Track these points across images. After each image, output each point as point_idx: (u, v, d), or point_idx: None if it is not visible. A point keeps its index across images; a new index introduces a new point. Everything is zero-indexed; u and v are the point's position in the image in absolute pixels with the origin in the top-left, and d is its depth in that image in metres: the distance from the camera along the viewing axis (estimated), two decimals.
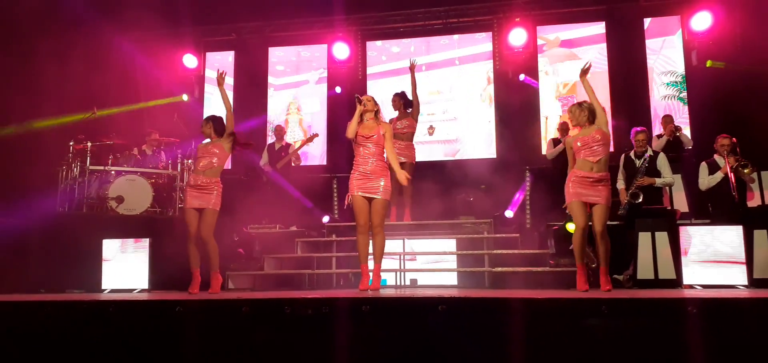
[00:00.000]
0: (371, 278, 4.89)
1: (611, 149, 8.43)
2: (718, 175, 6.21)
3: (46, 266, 6.18)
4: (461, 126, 9.62)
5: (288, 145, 8.37)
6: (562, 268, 6.05)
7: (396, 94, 7.42)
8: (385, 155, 5.00)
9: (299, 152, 8.46)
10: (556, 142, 7.84)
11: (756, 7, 8.27)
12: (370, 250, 4.99)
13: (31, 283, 5.92)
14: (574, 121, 4.91)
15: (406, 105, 7.26)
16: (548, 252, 6.40)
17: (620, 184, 6.41)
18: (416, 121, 7.21)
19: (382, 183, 4.87)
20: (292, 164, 8.30)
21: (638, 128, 6.42)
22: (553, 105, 9.36)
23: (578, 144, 4.82)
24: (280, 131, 8.52)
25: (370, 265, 4.97)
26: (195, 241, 5.20)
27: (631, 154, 6.38)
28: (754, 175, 6.32)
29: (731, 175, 6.02)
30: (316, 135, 8.46)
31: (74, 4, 7.92)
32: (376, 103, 5.02)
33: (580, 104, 4.94)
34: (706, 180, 6.34)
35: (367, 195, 4.86)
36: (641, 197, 6.06)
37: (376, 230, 4.87)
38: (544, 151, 8.47)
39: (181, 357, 3.44)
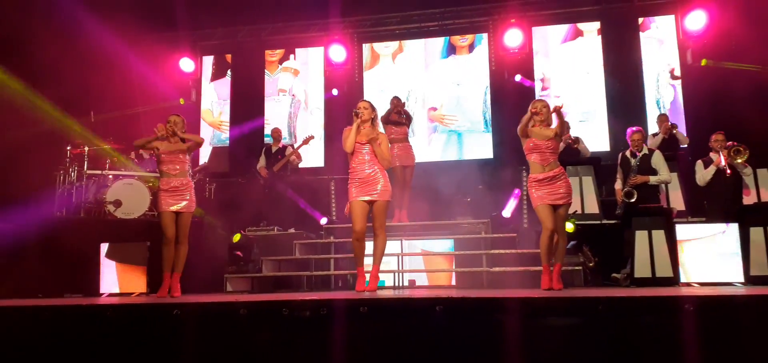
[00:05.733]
0: (368, 280, 4.89)
1: (607, 149, 8.51)
2: (713, 168, 6.24)
3: (44, 271, 6.16)
4: (457, 126, 9.64)
5: (285, 147, 8.38)
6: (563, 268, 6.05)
7: (395, 98, 7.47)
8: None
9: (296, 154, 8.46)
10: None
11: (750, 5, 8.31)
12: (367, 252, 4.99)
13: (29, 287, 5.91)
14: (540, 118, 4.86)
15: (401, 112, 7.35)
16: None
17: (618, 185, 6.43)
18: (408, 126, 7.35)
19: (380, 185, 4.86)
20: (289, 167, 8.31)
21: (634, 128, 6.45)
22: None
23: (531, 145, 4.84)
24: (276, 133, 8.53)
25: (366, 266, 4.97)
26: (173, 244, 5.22)
27: (628, 153, 6.40)
28: (748, 171, 6.34)
29: (724, 157, 6.06)
30: (312, 137, 8.47)
31: (71, 7, 7.91)
32: (373, 109, 4.98)
33: (544, 102, 4.95)
34: (702, 174, 6.37)
35: (368, 198, 4.85)
36: (635, 196, 6.07)
37: (378, 232, 4.86)
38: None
39: (180, 360, 3.44)
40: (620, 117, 8.72)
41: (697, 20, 8.64)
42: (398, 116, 7.34)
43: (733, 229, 5.23)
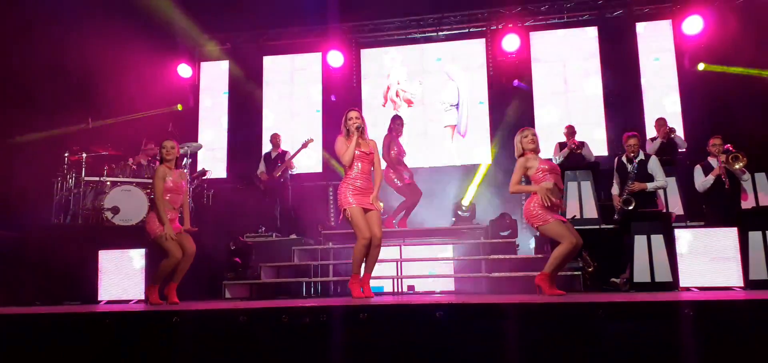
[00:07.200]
0: (363, 287, 4.90)
1: (605, 154, 8.56)
2: (712, 178, 6.26)
3: (42, 278, 6.14)
4: (450, 132, 9.65)
5: (284, 152, 8.38)
6: (561, 272, 6.05)
7: (400, 118, 7.57)
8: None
9: (294, 160, 8.47)
10: (562, 146, 7.90)
11: (747, 10, 8.35)
12: None
13: (27, 295, 5.89)
14: (532, 147, 4.98)
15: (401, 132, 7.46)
16: (546, 257, 6.41)
17: (614, 190, 6.44)
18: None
19: (375, 195, 4.93)
20: (289, 172, 8.32)
21: (629, 133, 6.47)
22: (550, 108, 9.41)
23: (545, 167, 4.89)
24: (275, 139, 8.53)
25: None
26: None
27: (624, 158, 6.42)
28: (746, 177, 6.36)
29: (722, 168, 6.10)
30: (311, 140, 8.47)
31: (69, 14, 7.91)
32: (363, 119, 4.99)
33: (532, 131, 5.05)
34: (701, 182, 6.39)
35: (367, 208, 4.86)
36: (634, 204, 6.09)
37: (379, 242, 4.87)
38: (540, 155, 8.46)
39: None
40: (618, 122, 8.74)
41: (693, 25, 8.68)
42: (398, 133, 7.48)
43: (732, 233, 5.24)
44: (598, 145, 9.01)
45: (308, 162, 9.53)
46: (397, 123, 7.51)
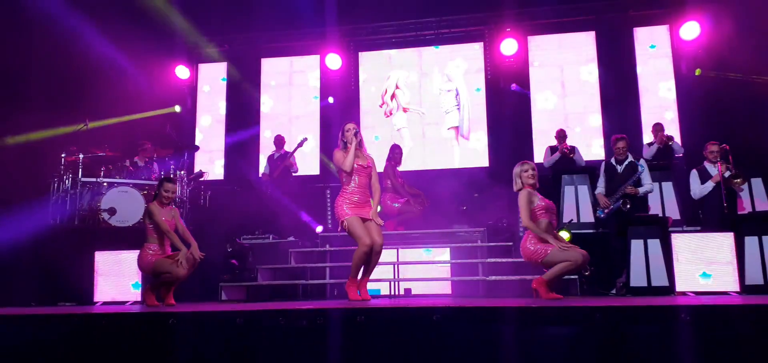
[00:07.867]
0: (360, 290, 4.90)
1: (601, 158, 8.56)
2: (710, 185, 6.29)
3: (38, 279, 6.13)
4: (453, 135, 9.66)
5: (286, 153, 8.41)
6: None
7: (399, 148, 7.67)
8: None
9: (294, 161, 8.48)
10: (553, 149, 7.92)
11: (743, 16, 8.38)
12: None
13: (23, 296, 5.87)
14: (534, 181, 5.01)
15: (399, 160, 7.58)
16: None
17: (598, 190, 6.48)
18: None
19: (372, 206, 4.95)
20: (292, 174, 8.35)
21: (617, 135, 6.51)
22: (546, 113, 9.42)
23: (543, 205, 4.91)
24: (279, 140, 8.54)
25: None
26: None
27: (612, 160, 6.45)
28: (744, 186, 6.40)
29: (721, 179, 6.13)
30: (306, 139, 8.49)
31: (67, 15, 7.90)
32: (360, 132, 5.02)
33: (531, 165, 5.07)
34: (698, 189, 6.41)
35: (365, 217, 4.87)
36: (629, 205, 6.12)
37: (380, 249, 4.86)
38: (536, 159, 8.47)
39: None
40: (615, 126, 8.76)
41: (691, 30, 8.71)
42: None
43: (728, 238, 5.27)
44: (594, 149, 9.04)
45: (306, 164, 9.53)
46: (396, 152, 7.60)
